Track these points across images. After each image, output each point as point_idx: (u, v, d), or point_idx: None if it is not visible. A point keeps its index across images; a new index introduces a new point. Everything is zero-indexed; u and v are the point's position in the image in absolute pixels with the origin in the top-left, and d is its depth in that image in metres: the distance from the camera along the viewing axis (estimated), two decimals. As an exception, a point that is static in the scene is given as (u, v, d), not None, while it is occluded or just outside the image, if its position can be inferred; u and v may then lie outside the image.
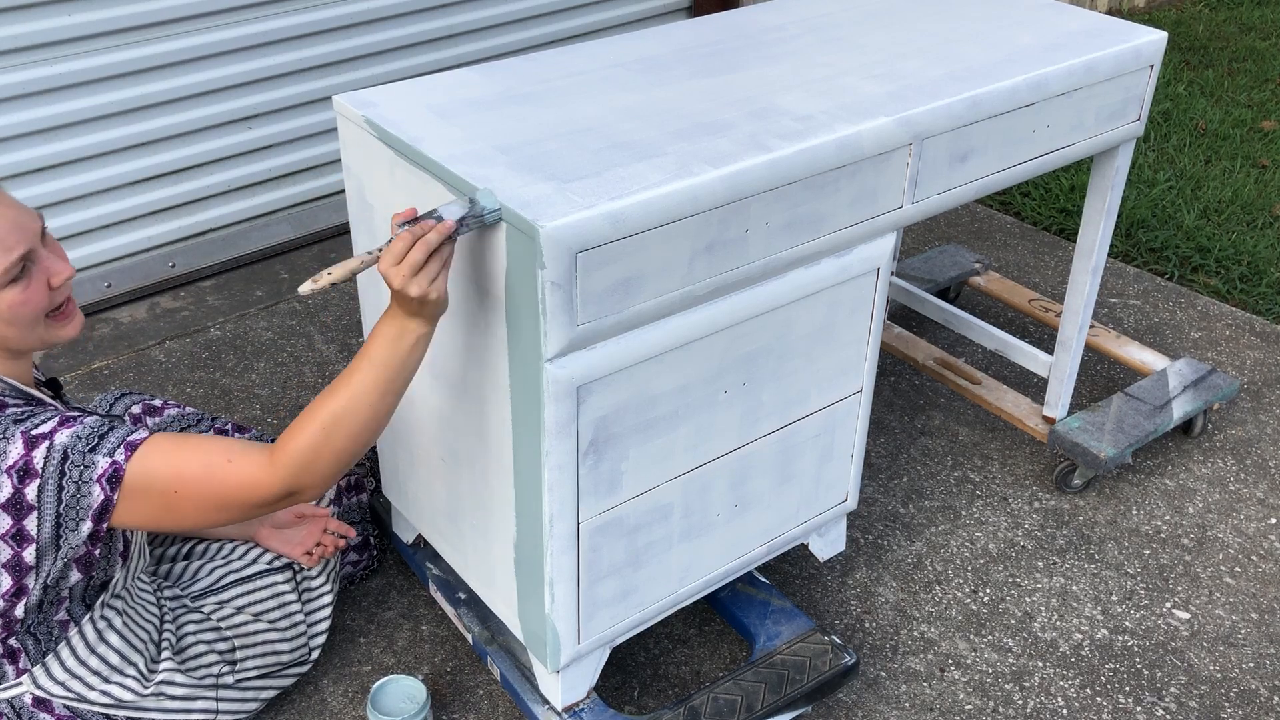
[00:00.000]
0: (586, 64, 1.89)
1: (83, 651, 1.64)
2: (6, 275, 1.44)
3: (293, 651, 1.88)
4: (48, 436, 1.45)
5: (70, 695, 1.63)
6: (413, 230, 1.40)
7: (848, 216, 1.72)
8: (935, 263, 3.03)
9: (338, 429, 1.47)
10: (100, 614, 1.65)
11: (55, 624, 1.61)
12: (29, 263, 1.46)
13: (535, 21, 3.57)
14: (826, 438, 1.92)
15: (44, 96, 2.80)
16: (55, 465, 1.44)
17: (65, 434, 1.45)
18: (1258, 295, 3.20)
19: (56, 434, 1.45)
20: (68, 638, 1.63)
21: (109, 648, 1.66)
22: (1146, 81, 2.10)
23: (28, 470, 1.44)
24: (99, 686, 1.65)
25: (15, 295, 1.45)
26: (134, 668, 1.68)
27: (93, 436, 1.46)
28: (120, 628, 1.67)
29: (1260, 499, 2.45)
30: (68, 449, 1.45)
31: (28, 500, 1.45)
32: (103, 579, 1.64)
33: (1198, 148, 4.02)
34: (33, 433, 1.45)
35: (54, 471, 1.44)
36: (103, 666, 1.66)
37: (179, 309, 3.05)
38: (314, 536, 1.92)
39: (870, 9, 2.17)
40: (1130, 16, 5.38)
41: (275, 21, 3.07)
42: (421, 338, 1.48)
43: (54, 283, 1.50)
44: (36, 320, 1.49)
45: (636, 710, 1.96)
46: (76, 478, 1.44)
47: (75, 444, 1.45)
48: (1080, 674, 2.05)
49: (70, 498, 1.45)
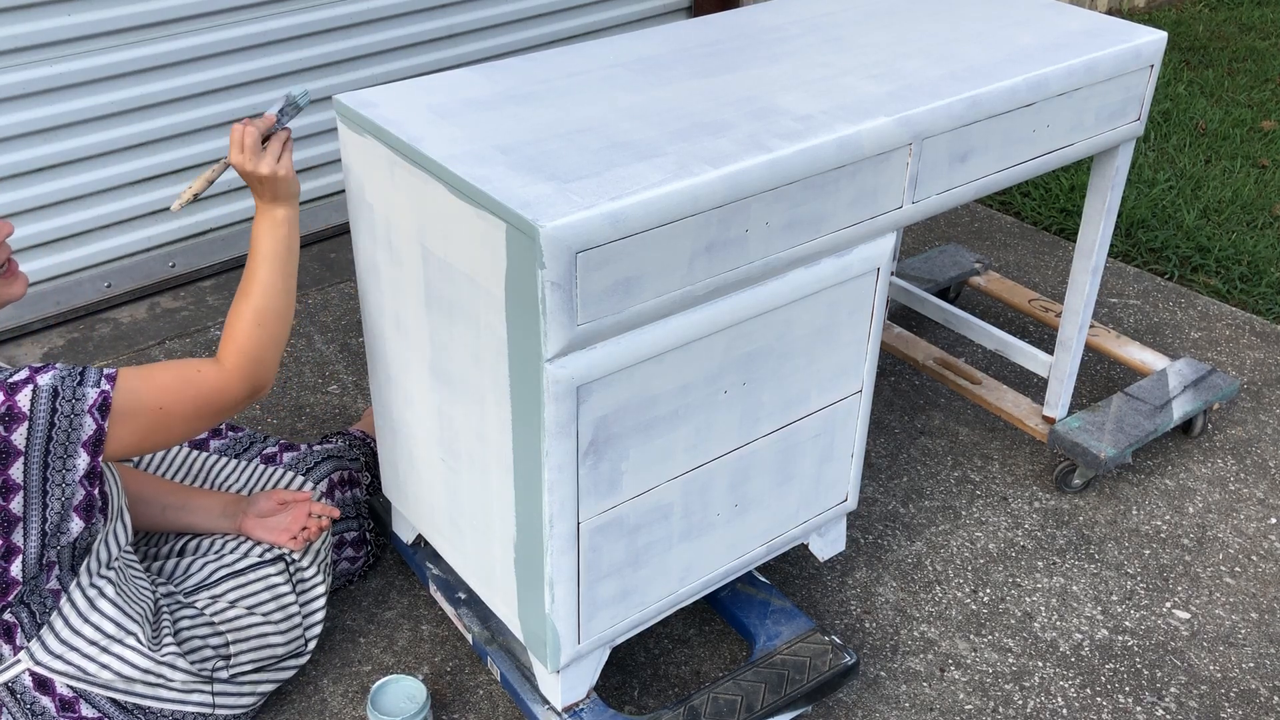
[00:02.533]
0: (586, 64, 1.89)
1: (75, 620, 1.63)
2: None
3: (288, 644, 1.88)
4: (29, 380, 1.50)
5: (71, 670, 1.63)
6: (245, 121, 1.66)
7: (848, 216, 1.72)
8: (935, 263, 3.03)
9: (265, 321, 1.67)
10: (90, 582, 1.65)
11: (48, 593, 1.61)
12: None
13: (535, 21, 3.57)
14: (826, 438, 1.92)
15: (44, 96, 2.80)
16: (45, 403, 1.49)
17: (47, 376, 1.51)
18: (1258, 295, 3.20)
19: (38, 375, 1.50)
20: (59, 608, 1.63)
21: (102, 615, 1.65)
22: (1146, 81, 2.10)
23: (12, 415, 1.47)
24: (98, 658, 1.65)
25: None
26: (133, 637, 1.67)
27: (74, 374, 1.53)
28: (113, 596, 1.67)
29: (1260, 499, 2.45)
30: (55, 388, 1.50)
31: (14, 446, 1.48)
32: (89, 541, 1.64)
33: (1198, 148, 4.02)
34: (10, 380, 1.49)
35: (44, 409, 1.49)
36: (98, 635, 1.65)
37: (179, 309, 3.05)
38: (299, 521, 1.92)
39: (870, 9, 2.17)
40: (1130, 16, 5.38)
41: (275, 21, 3.07)
42: (291, 219, 1.70)
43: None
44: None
45: (636, 710, 1.96)
46: (69, 411, 1.50)
47: (61, 382, 1.51)
48: (1080, 674, 2.05)
49: (62, 434, 1.50)
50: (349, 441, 2.22)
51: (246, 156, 1.64)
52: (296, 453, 2.10)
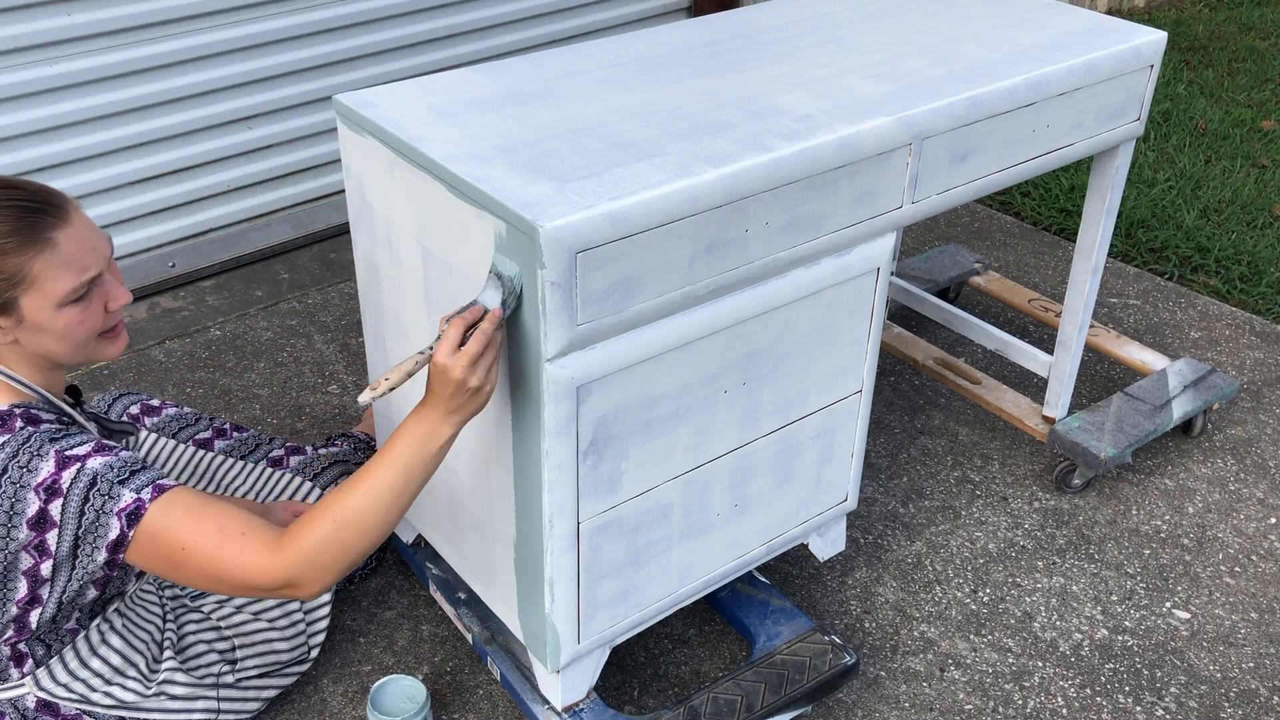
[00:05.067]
0: (586, 64, 1.89)
1: (85, 654, 1.64)
2: (72, 295, 1.45)
3: (292, 650, 1.88)
4: (81, 459, 1.44)
5: (73, 697, 1.64)
6: (464, 317, 1.42)
7: (848, 216, 1.72)
8: (935, 263, 3.03)
9: (348, 526, 1.45)
10: (104, 617, 1.66)
11: (65, 632, 1.62)
12: (94, 285, 1.49)
13: (535, 21, 3.57)
14: (826, 438, 1.92)
15: (44, 96, 2.80)
16: (81, 488, 1.43)
17: (99, 460, 1.45)
18: (1258, 295, 3.20)
19: (90, 458, 1.45)
20: (74, 644, 1.63)
21: (110, 649, 1.66)
22: (1146, 81, 2.10)
23: (54, 489, 1.43)
24: (101, 688, 1.65)
25: (74, 315, 1.47)
26: (135, 669, 1.68)
27: (124, 469, 1.46)
28: (121, 629, 1.68)
29: (1260, 499, 2.45)
30: (97, 475, 1.44)
31: (51, 516, 1.44)
32: (116, 592, 1.65)
33: (1198, 148, 4.02)
34: (66, 452, 1.45)
35: (79, 494, 1.43)
36: (104, 668, 1.66)
37: (179, 309, 3.05)
38: None
39: (870, 9, 2.17)
40: (1130, 16, 5.38)
41: (275, 21, 3.07)
42: (449, 440, 1.48)
43: (111, 306, 1.52)
44: (89, 339, 1.51)
45: (636, 710, 1.96)
46: (98, 506, 1.43)
47: (106, 472, 1.44)
48: (1080, 674, 2.05)
49: (89, 524, 1.44)
50: (353, 445, 2.22)
51: (460, 361, 1.41)
52: (303, 456, 2.10)
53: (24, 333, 1.47)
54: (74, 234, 1.46)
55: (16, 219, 1.42)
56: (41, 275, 1.43)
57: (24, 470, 1.43)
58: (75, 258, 1.45)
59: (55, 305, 1.45)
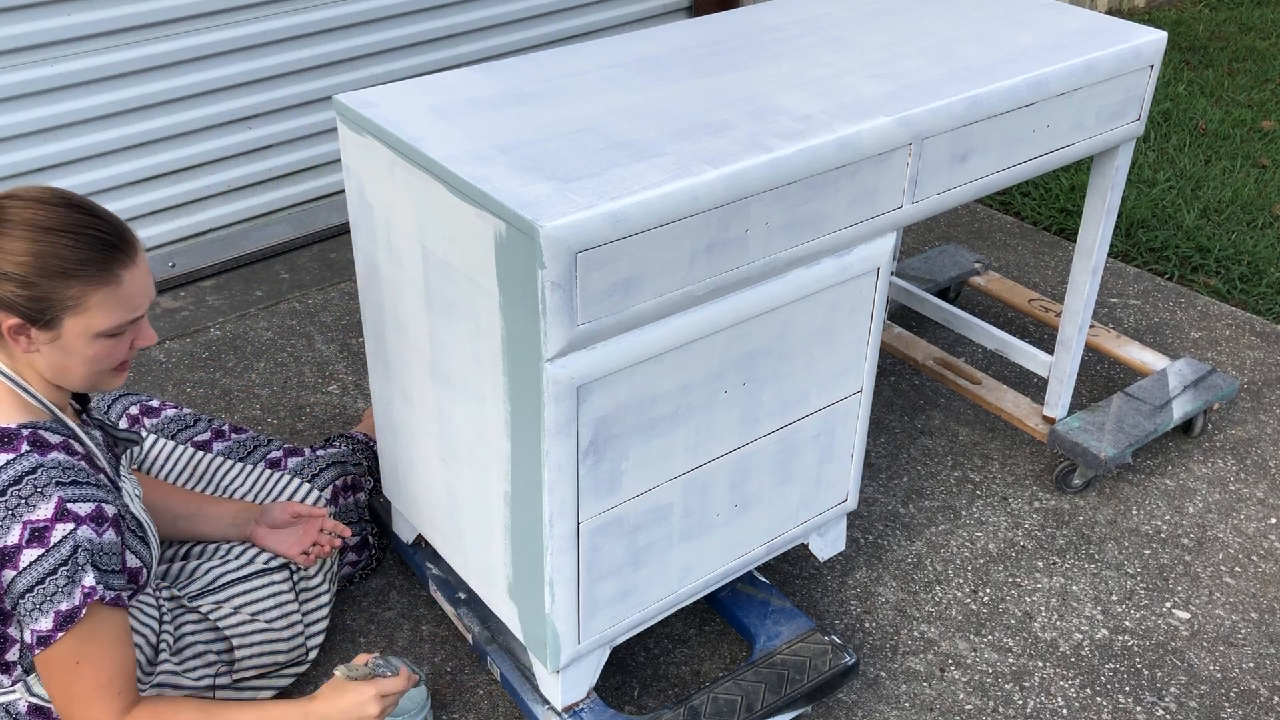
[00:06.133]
0: (586, 64, 1.89)
1: None
2: (114, 330, 1.50)
3: (290, 652, 1.88)
4: (77, 521, 1.45)
5: None
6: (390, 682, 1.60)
7: (848, 216, 1.72)
8: (935, 263, 3.03)
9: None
10: None
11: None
12: (133, 324, 1.54)
13: (535, 21, 3.57)
14: (826, 438, 1.92)
15: (44, 96, 2.80)
16: (62, 554, 1.44)
17: (86, 531, 1.46)
18: (1258, 295, 3.20)
19: (81, 527, 1.46)
20: None
21: None
22: (1146, 81, 2.10)
23: (42, 536, 1.44)
24: None
25: (106, 347, 1.51)
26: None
27: (99, 553, 1.47)
28: None
29: (1260, 499, 2.45)
30: (78, 548, 1.45)
31: (21, 559, 1.44)
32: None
33: (1198, 148, 4.02)
34: (68, 504, 1.46)
35: (56, 558, 1.44)
36: None
37: (179, 309, 3.05)
38: (310, 536, 1.92)
39: (870, 9, 2.17)
40: (1130, 16, 5.38)
41: (275, 21, 3.07)
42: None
43: (139, 344, 1.58)
44: (106, 370, 1.55)
45: (636, 710, 1.96)
46: (62, 582, 1.45)
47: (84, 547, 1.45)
48: (1080, 674, 2.05)
49: (46, 589, 1.45)
50: (352, 445, 2.22)
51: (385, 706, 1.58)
52: (301, 458, 2.09)
53: (51, 349, 1.50)
54: (136, 274, 1.51)
55: (94, 249, 1.46)
56: (97, 306, 1.47)
57: (22, 501, 1.44)
58: (130, 297, 1.50)
59: (93, 334, 1.49)
